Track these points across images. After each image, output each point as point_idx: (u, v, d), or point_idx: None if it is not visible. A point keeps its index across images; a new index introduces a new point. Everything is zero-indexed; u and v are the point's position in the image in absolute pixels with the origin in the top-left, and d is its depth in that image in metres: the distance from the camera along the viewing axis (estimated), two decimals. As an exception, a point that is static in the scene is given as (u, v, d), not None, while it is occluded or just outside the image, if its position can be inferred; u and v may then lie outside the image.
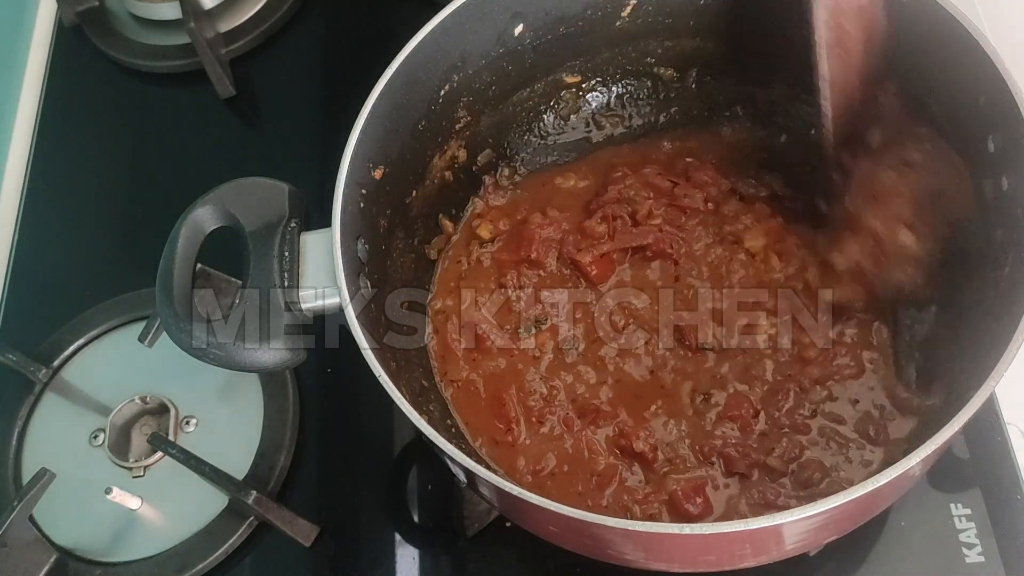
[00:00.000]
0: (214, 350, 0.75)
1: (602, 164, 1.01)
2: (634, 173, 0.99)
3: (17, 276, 1.16)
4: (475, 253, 0.96)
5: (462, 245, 0.98)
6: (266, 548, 0.94)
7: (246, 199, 0.81)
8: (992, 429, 0.91)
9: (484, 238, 0.97)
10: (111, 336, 1.07)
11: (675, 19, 0.97)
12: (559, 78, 1.01)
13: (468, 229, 0.99)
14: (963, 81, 0.79)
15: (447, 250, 0.98)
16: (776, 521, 0.63)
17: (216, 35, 1.25)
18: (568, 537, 0.76)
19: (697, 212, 0.95)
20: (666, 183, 0.97)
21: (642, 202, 0.95)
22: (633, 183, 0.98)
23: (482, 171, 1.00)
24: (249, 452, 0.97)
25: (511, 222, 0.98)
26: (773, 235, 0.93)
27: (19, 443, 1.01)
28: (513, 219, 0.98)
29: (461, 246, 0.98)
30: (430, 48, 0.87)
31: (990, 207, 0.78)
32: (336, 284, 0.76)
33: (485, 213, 0.99)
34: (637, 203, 0.95)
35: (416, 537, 0.94)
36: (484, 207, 0.99)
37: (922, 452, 0.64)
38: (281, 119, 1.25)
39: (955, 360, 0.80)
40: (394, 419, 0.99)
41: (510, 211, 0.99)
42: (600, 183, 0.99)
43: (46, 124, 1.28)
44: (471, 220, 0.99)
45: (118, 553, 0.94)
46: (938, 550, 0.86)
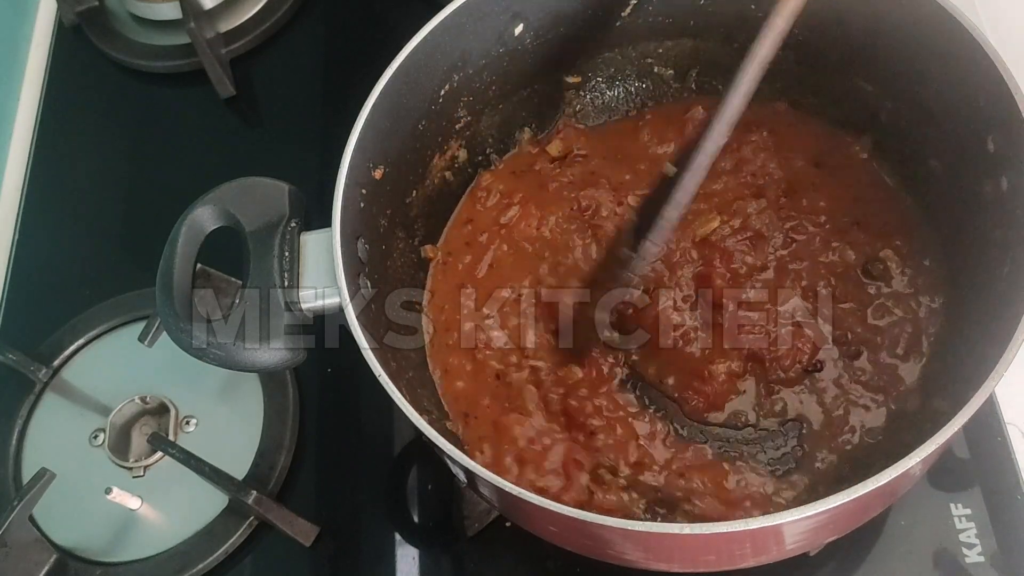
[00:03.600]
0: (214, 350, 0.75)
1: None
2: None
3: (17, 276, 1.16)
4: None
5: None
6: (266, 548, 0.94)
7: (246, 199, 0.81)
8: (992, 429, 0.91)
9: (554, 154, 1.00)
10: (111, 336, 1.07)
11: (675, 19, 0.97)
12: (559, 78, 1.01)
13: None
14: (963, 81, 0.79)
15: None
16: (776, 521, 0.63)
17: (216, 35, 1.25)
18: (568, 537, 0.76)
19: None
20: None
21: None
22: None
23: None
24: (249, 452, 0.97)
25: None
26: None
27: (19, 443, 1.01)
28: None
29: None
30: (430, 48, 0.87)
31: (990, 207, 0.78)
32: (336, 284, 0.76)
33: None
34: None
35: (416, 537, 0.94)
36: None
37: (922, 452, 0.64)
38: (281, 119, 1.26)
39: (956, 360, 0.80)
40: (394, 419, 0.99)
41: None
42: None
43: (46, 124, 1.28)
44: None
45: (118, 553, 0.94)
46: (938, 550, 0.86)
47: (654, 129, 1.00)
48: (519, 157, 1.01)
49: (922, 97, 0.86)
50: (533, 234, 0.95)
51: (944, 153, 0.85)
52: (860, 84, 0.92)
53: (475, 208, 0.99)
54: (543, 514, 0.68)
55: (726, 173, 0.96)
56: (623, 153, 1.00)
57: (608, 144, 1.01)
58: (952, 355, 0.82)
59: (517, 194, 0.98)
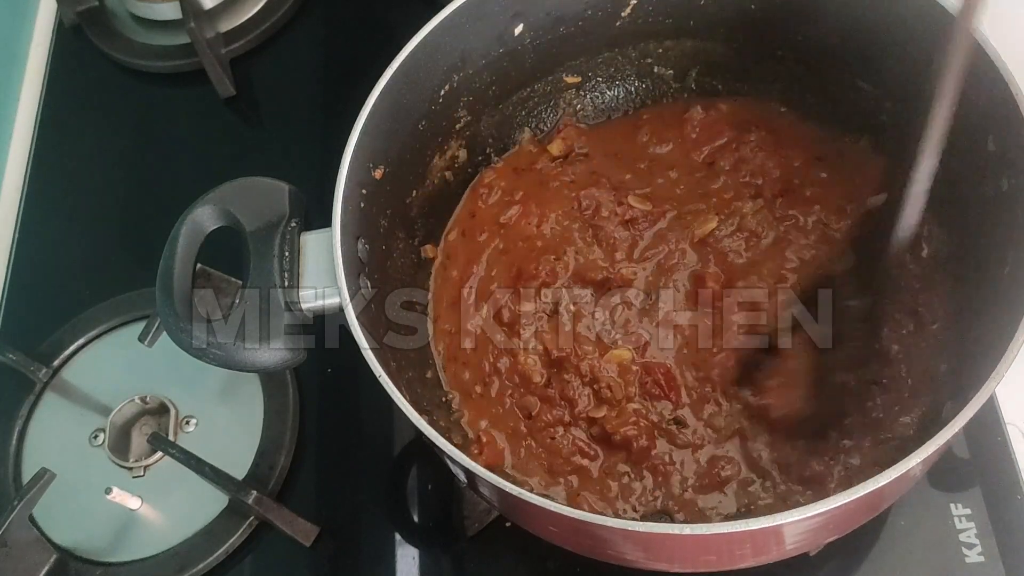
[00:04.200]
0: (214, 350, 0.75)
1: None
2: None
3: (17, 276, 1.16)
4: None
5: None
6: (266, 548, 0.94)
7: (246, 199, 0.81)
8: (992, 429, 0.91)
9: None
10: (111, 336, 1.07)
11: (675, 19, 0.97)
12: (559, 78, 1.01)
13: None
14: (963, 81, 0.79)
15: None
16: (776, 521, 0.63)
17: (216, 35, 1.25)
18: (568, 537, 0.76)
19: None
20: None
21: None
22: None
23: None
24: (249, 452, 0.97)
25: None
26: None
27: (19, 443, 1.01)
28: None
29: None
30: (430, 48, 0.87)
31: (990, 207, 0.78)
32: (336, 284, 0.76)
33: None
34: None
35: (416, 537, 0.94)
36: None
37: (922, 452, 0.64)
38: (281, 119, 1.25)
39: (956, 360, 0.80)
40: (394, 419, 0.99)
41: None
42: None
43: (46, 124, 1.28)
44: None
45: (118, 553, 0.94)
46: (938, 550, 0.86)
47: (653, 129, 1.00)
48: (520, 155, 1.01)
49: (922, 97, 0.85)
50: (533, 232, 0.96)
51: (944, 153, 0.85)
52: (860, 84, 0.92)
53: (476, 205, 0.99)
54: (543, 514, 0.68)
55: (724, 172, 0.96)
56: (623, 153, 1.00)
57: (609, 144, 1.01)
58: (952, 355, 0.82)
59: (518, 192, 0.98)
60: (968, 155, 0.80)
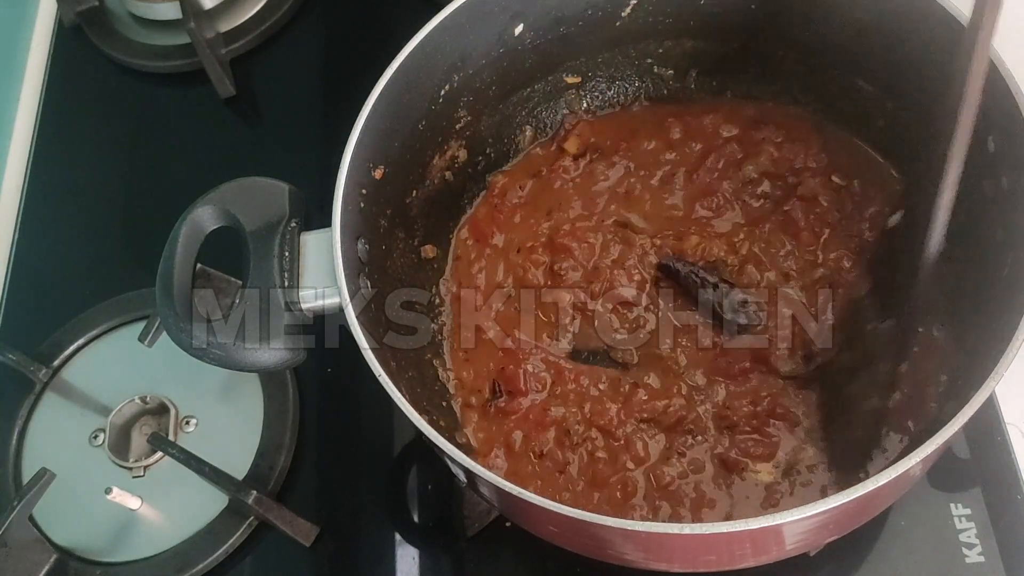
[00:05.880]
0: (214, 350, 0.75)
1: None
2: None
3: (17, 276, 1.16)
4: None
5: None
6: (266, 548, 0.94)
7: (246, 199, 0.81)
8: (992, 429, 0.91)
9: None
10: (111, 336, 1.07)
11: (675, 19, 0.97)
12: (559, 78, 1.01)
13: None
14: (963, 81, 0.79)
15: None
16: (776, 521, 0.63)
17: (216, 35, 1.25)
18: (568, 537, 0.76)
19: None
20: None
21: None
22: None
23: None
24: (249, 452, 0.97)
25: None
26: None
27: (19, 443, 1.01)
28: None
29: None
30: (430, 48, 0.87)
31: (990, 207, 0.78)
32: (336, 284, 0.76)
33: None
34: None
35: (416, 537, 0.94)
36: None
37: (922, 452, 0.64)
38: (281, 119, 1.25)
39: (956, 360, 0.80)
40: (394, 419, 0.99)
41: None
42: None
43: (46, 124, 1.28)
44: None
45: (118, 553, 0.94)
46: (938, 550, 0.86)
47: (653, 130, 1.00)
48: (532, 157, 1.02)
49: (922, 97, 0.85)
50: (544, 232, 0.96)
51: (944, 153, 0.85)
52: (860, 84, 0.92)
53: (488, 206, 0.99)
54: (543, 514, 0.68)
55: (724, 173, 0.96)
56: (631, 154, 1.00)
57: (616, 145, 1.01)
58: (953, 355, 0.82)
59: (528, 193, 0.99)
60: (968, 155, 0.80)
